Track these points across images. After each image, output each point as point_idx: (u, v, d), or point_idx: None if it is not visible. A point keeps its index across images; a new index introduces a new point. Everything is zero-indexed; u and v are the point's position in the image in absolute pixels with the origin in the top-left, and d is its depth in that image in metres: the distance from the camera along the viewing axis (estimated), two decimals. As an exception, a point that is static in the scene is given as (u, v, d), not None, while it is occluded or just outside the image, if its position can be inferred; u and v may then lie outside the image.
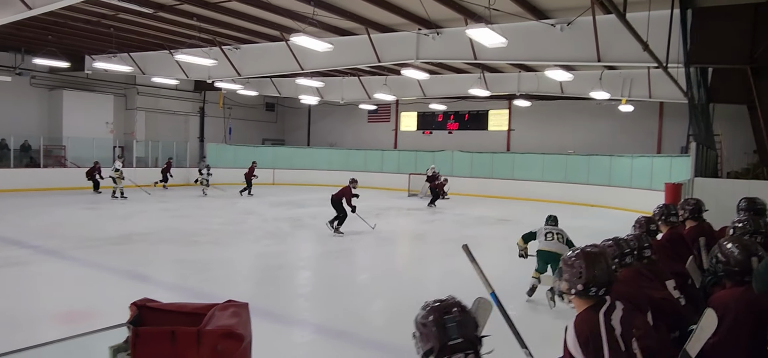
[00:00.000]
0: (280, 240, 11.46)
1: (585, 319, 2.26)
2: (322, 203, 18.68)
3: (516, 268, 9.39)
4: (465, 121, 26.87)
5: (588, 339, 2.20)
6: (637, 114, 21.64)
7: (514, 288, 7.21)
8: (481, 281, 2.81)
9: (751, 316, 2.55)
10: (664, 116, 22.00)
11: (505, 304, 2.69)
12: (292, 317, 6.42)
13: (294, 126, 31.82)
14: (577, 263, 2.32)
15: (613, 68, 16.86)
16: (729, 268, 2.65)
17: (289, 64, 15.58)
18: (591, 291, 2.28)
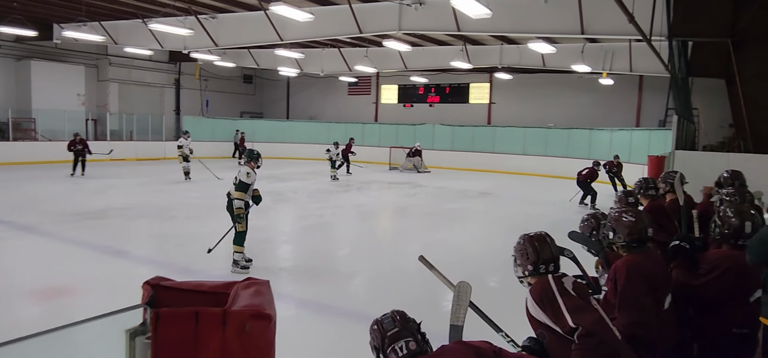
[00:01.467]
0: (261, 214, 11.24)
1: (537, 283, 2.45)
2: (303, 177, 18.58)
3: (497, 240, 9.45)
4: (446, 94, 26.75)
5: (542, 297, 2.36)
6: (617, 88, 21.78)
7: (496, 260, 7.19)
8: (444, 283, 2.81)
9: (735, 276, 2.68)
10: (643, 90, 22.17)
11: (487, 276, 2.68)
12: (274, 291, 6.29)
13: (273, 98, 31.32)
14: (526, 248, 2.54)
15: (594, 41, 16.85)
16: (725, 232, 2.72)
17: (267, 34, 15.19)
18: (541, 268, 2.48)
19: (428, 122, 25.66)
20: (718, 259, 2.73)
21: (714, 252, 2.81)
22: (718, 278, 2.65)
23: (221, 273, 7.00)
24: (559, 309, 2.28)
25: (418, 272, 7.10)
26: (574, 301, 2.31)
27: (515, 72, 22.47)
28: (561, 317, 2.26)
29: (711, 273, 2.67)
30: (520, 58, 18.74)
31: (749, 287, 2.67)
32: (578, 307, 2.28)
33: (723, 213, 2.83)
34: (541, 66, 18.88)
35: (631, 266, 2.67)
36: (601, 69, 17.98)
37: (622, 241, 2.82)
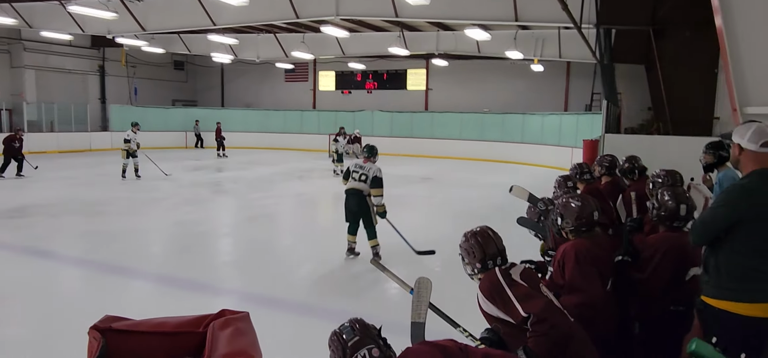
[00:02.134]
0: (200, 206, 10.94)
1: (486, 278, 2.50)
2: (242, 166, 18.13)
3: (442, 225, 9.63)
4: (384, 80, 26.83)
5: (491, 291, 2.42)
6: (546, 74, 22.63)
7: (440, 245, 7.32)
8: (398, 284, 2.83)
9: (675, 257, 2.84)
10: (570, 76, 23.16)
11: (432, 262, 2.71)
12: (216, 286, 6.15)
13: (206, 86, 30.21)
14: (472, 246, 2.58)
15: (526, 28, 17.40)
16: (662, 214, 2.88)
17: (199, 19, 14.63)
18: (488, 264, 2.54)
19: (367, 109, 25.66)
20: (658, 243, 2.89)
21: (653, 237, 2.98)
22: (659, 264, 2.81)
23: (163, 272, 6.74)
24: (508, 300, 2.34)
25: (363, 261, 7.16)
26: (522, 289, 2.38)
27: (451, 58, 22.85)
28: (512, 308, 2.32)
29: (653, 260, 2.82)
30: (456, 44, 19.07)
31: (686, 266, 2.86)
32: (527, 295, 2.35)
33: (660, 196, 2.99)
34: (477, 52, 19.32)
35: (579, 250, 2.79)
36: (532, 55, 18.62)
37: (571, 226, 2.94)
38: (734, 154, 2.60)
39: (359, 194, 6.71)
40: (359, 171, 6.74)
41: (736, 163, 2.63)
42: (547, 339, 2.20)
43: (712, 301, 2.58)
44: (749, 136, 2.51)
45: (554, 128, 20.64)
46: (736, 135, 2.58)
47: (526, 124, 22.01)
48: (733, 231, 2.50)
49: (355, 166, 6.81)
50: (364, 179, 6.69)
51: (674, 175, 3.92)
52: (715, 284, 2.57)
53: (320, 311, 5.35)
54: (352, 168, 6.82)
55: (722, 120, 9.57)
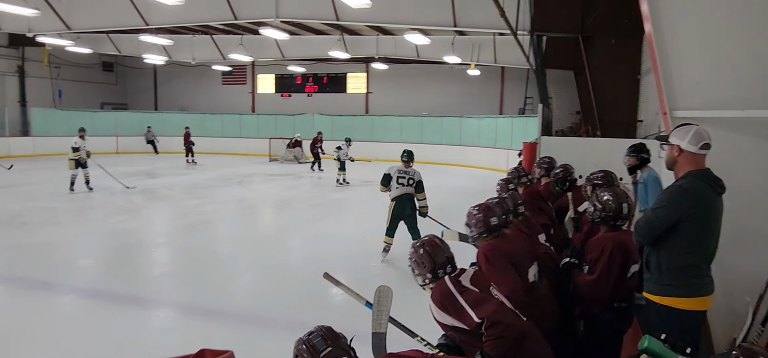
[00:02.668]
0: (134, 215, 10.44)
1: (437, 287, 2.52)
2: (177, 172, 17.46)
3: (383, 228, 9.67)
4: (324, 83, 26.69)
5: (443, 301, 2.43)
6: (482, 78, 23.29)
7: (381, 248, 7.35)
8: (352, 297, 2.83)
9: (620, 256, 2.97)
10: (505, 80, 23.95)
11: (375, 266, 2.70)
12: (153, 299, 5.88)
13: (138, 88, 28.88)
14: (421, 257, 2.60)
15: (463, 34, 17.84)
16: (606, 215, 3.01)
17: (130, 18, 13.98)
18: (439, 273, 2.57)
19: (307, 112, 25.43)
20: (603, 243, 3.01)
21: (597, 237, 3.09)
22: (607, 264, 2.94)
23: (95, 286, 6.39)
24: (461, 308, 2.37)
25: (304, 268, 7.09)
26: (474, 295, 2.42)
27: (391, 62, 23.05)
28: (465, 315, 2.35)
29: (600, 260, 2.94)
30: (395, 48, 19.28)
31: (628, 264, 3.02)
32: (478, 300, 2.40)
33: (601, 197, 3.11)
34: (416, 57, 19.60)
35: (487, 250, 2.95)
36: (469, 60, 19.11)
37: (476, 234, 3.08)
38: (672, 155, 2.75)
39: (412, 198, 7.03)
40: (405, 176, 7.02)
41: (672, 164, 2.78)
42: (503, 341, 2.23)
43: (654, 297, 2.74)
44: (689, 138, 2.66)
45: (490, 131, 21.28)
46: (676, 137, 2.72)
47: (464, 127, 22.56)
48: (674, 230, 2.66)
49: (398, 172, 7.03)
50: (411, 183, 7.00)
51: (611, 175, 4.13)
52: (657, 281, 2.73)
53: (265, 321, 5.24)
54: (397, 175, 7.02)
55: (646, 122, 10.20)
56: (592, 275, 2.95)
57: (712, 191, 2.66)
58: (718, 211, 2.71)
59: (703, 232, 2.66)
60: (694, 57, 3.41)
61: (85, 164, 12.61)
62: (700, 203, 2.63)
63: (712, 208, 2.67)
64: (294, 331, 2.05)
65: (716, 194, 2.68)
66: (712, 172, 2.71)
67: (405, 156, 7.28)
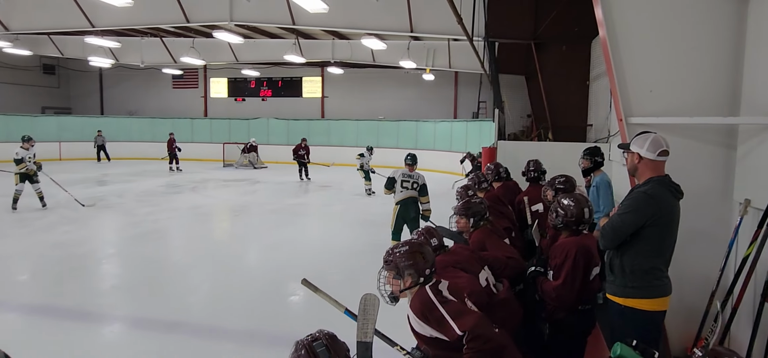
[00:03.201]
0: (81, 225, 9.97)
1: (416, 297, 2.44)
2: (127, 178, 16.81)
3: (343, 233, 9.64)
4: (279, 88, 26.37)
5: (424, 312, 2.37)
6: (437, 83, 23.61)
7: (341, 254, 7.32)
8: (331, 304, 2.77)
9: (583, 260, 3.04)
10: (458, 85, 24.36)
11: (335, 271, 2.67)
12: (103, 314, 5.61)
13: (82, 92, 27.65)
14: (402, 261, 2.49)
15: (418, 39, 18.01)
16: (567, 219, 3.08)
17: (75, 19, 13.36)
18: (421, 279, 2.49)
19: (262, 116, 25.06)
20: (567, 247, 3.07)
21: (561, 242, 3.15)
22: (572, 268, 3.00)
23: (39, 301, 6.05)
24: (442, 319, 2.32)
25: (263, 276, 6.96)
26: (454, 306, 2.38)
27: (346, 66, 23.02)
28: (447, 327, 2.30)
29: (565, 265, 3.01)
30: (351, 53, 19.24)
31: (591, 267, 3.10)
32: (459, 311, 2.36)
33: (563, 202, 3.18)
34: (371, 61, 19.63)
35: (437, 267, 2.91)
36: (424, 65, 19.30)
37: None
38: (633, 162, 2.87)
39: (416, 201, 7.07)
40: (409, 180, 7.05)
41: (633, 171, 2.90)
42: (483, 355, 2.22)
43: (618, 299, 2.84)
44: (647, 146, 2.79)
45: (446, 135, 21.59)
46: (635, 145, 2.85)
47: (420, 131, 22.78)
48: (637, 235, 2.77)
49: (403, 176, 7.07)
50: (416, 186, 7.04)
51: (571, 181, 4.25)
52: (621, 283, 2.83)
53: (224, 333, 5.10)
54: (402, 178, 7.05)
55: (595, 126, 10.57)
56: (558, 280, 3.02)
57: (672, 196, 2.78)
58: (677, 215, 2.83)
59: (664, 236, 2.78)
60: (647, 65, 3.56)
61: (35, 178, 10.99)
62: (663, 208, 2.75)
63: (672, 213, 2.79)
64: (255, 342, 1.98)
65: (675, 199, 2.81)
66: (671, 178, 2.83)
67: (409, 159, 7.38)
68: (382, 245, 6.26)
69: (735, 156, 3.60)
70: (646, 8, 3.53)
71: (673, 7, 3.50)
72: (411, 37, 17.08)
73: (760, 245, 3.17)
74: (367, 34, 14.59)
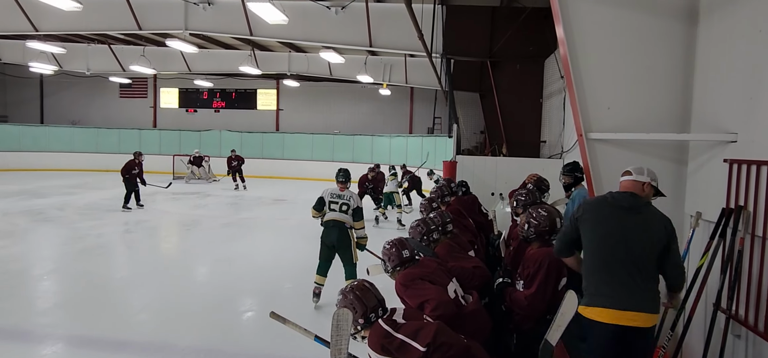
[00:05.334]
0: (18, 239, 9.37)
1: (372, 333, 2.44)
2: (68, 191, 15.98)
3: (296, 246, 9.46)
4: (232, 99, 25.90)
5: (382, 344, 2.36)
6: (393, 98, 23.81)
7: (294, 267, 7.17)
8: (300, 333, 2.75)
9: (556, 271, 3.09)
10: (414, 101, 24.63)
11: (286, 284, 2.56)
12: (41, 333, 5.23)
13: (20, 99, 26.20)
14: (352, 302, 2.50)
15: (375, 54, 18.12)
16: (540, 230, 3.11)
17: (16, 22, 12.67)
18: (371, 317, 2.50)
19: (214, 128, 24.49)
20: (540, 258, 3.11)
21: (532, 253, 3.19)
22: (544, 279, 3.05)
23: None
24: (402, 344, 2.31)
25: (214, 292, 6.72)
26: (411, 327, 2.38)
27: (303, 79, 22.87)
28: (408, 349, 2.30)
29: (538, 275, 3.05)
30: (308, 66, 19.17)
31: (560, 277, 3.14)
32: (417, 329, 2.36)
33: (535, 213, 3.23)
34: (328, 75, 19.59)
35: (403, 279, 3.00)
36: (381, 80, 19.43)
37: (391, 268, 3.13)
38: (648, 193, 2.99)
39: (341, 226, 5.82)
40: (338, 200, 5.88)
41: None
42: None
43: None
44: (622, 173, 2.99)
45: (401, 149, 21.72)
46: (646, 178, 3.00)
47: (375, 145, 22.84)
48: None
49: (331, 196, 5.92)
50: (345, 209, 5.86)
51: (534, 193, 4.31)
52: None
53: (173, 352, 4.87)
54: (328, 197, 5.93)
55: (549, 143, 10.89)
56: (530, 289, 3.04)
57: (608, 204, 2.89)
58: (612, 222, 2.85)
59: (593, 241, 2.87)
60: (605, 83, 3.68)
61: None
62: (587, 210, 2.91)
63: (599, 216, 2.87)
64: None
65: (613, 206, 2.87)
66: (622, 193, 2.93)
67: (341, 176, 6.16)
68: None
69: (686, 171, 3.76)
70: (605, 28, 3.66)
71: (630, 28, 3.65)
72: (368, 51, 17.16)
73: (711, 256, 3.31)
74: (326, 47, 14.55)
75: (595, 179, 3.86)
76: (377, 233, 10.23)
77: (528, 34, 10.70)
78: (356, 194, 6.04)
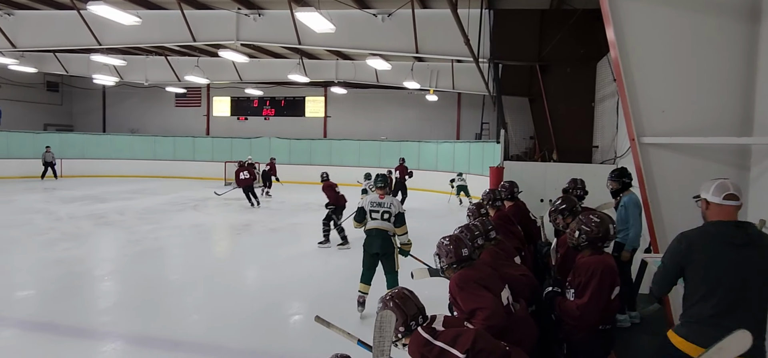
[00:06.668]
0: (82, 242, 9.90)
1: (412, 341, 2.47)
2: (128, 196, 16.77)
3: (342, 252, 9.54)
4: (282, 107, 26.47)
5: (422, 352, 2.40)
6: (440, 103, 23.69)
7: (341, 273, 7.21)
8: (345, 337, 2.82)
9: (609, 279, 2.97)
10: (461, 106, 24.43)
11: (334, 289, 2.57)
12: (102, 331, 5.52)
13: (85, 109, 27.75)
14: (393, 311, 2.50)
15: (422, 60, 18.10)
16: (592, 237, 3.02)
17: (81, 37, 13.41)
18: (411, 326, 2.52)
19: (264, 135, 25.11)
20: (592, 266, 3.00)
21: (584, 261, 3.08)
22: (597, 287, 2.93)
23: (38, 318, 5.97)
24: (443, 351, 2.33)
25: (264, 295, 6.87)
26: (449, 334, 2.40)
27: (349, 86, 23.12)
28: (449, 356, 2.31)
29: (590, 284, 2.94)
30: (355, 73, 19.35)
31: (614, 286, 3.02)
32: (455, 335, 2.37)
33: (588, 220, 3.11)
34: (375, 82, 19.72)
35: (459, 280, 2.93)
36: (428, 86, 19.38)
37: (446, 265, 3.07)
38: (702, 209, 2.72)
39: (384, 234, 5.79)
40: (379, 209, 5.81)
41: (704, 218, 2.73)
42: None
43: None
44: (712, 190, 2.65)
45: (448, 155, 21.59)
46: (703, 191, 2.71)
47: (422, 151, 22.79)
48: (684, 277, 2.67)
49: (371, 205, 5.85)
50: (387, 217, 5.81)
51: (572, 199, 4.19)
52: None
53: (223, 352, 5.02)
54: (368, 207, 5.86)
55: (601, 148, 10.54)
56: (582, 299, 2.94)
57: (718, 240, 2.60)
58: (724, 261, 2.58)
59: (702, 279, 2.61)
60: (659, 85, 3.53)
61: None
62: (694, 249, 2.62)
63: (711, 255, 2.60)
64: None
65: (728, 244, 2.58)
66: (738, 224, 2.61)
67: (379, 182, 6.05)
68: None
69: (749, 177, 3.55)
70: (658, 29, 3.51)
71: (685, 28, 3.49)
72: (415, 58, 17.17)
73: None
74: (372, 54, 14.67)
75: (649, 185, 3.71)
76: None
77: (578, 36, 10.41)
78: (398, 200, 5.95)
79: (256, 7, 12.19)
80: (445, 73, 18.79)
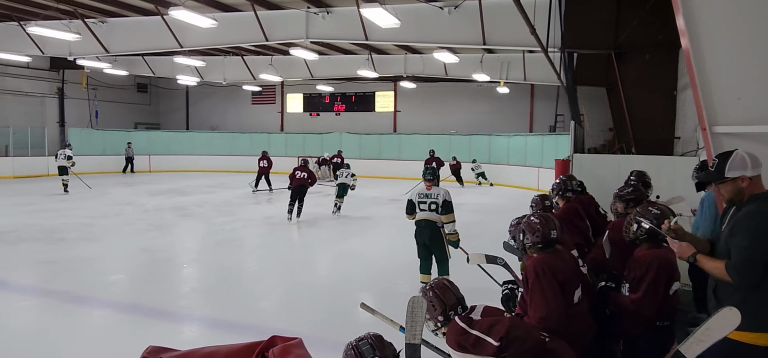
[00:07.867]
0: (165, 232, 10.62)
1: (450, 331, 2.50)
2: (207, 190, 17.77)
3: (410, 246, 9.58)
4: (352, 102, 26.93)
5: (458, 341, 2.43)
6: (511, 96, 23.14)
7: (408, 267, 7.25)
8: (388, 324, 2.94)
9: (666, 273, 2.87)
10: (535, 98, 23.73)
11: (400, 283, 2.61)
12: (183, 314, 5.94)
13: (170, 108, 29.68)
14: (431, 299, 2.59)
15: (492, 52, 17.76)
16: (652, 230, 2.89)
17: (165, 40, 14.37)
18: (450, 315, 2.56)
19: (335, 131, 25.67)
20: (648, 260, 2.89)
21: (641, 255, 2.97)
22: (653, 282, 2.82)
23: (127, 300, 6.49)
24: (477, 340, 2.36)
25: (332, 285, 7.07)
26: (485, 323, 2.42)
27: (418, 81, 23.11)
28: (483, 344, 2.34)
29: (646, 278, 2.83)
30: (423, 67, 19.31)
31: (672, 281, 2.89)
32: (491, 324, 2.39)
33: (646, 213, 2.98)
34: (444, 75, 19.59)
35: (538, 265, 2.85)
36: (498, 78, 18.99)
37: (530, 243, 2.98)
38: (739, 187, 2.48)
39: (433, 225, 5.94)
40: (427, 200, 5.96)
41: (739, 197, 2.51)
42: (523, 354, 2.24)
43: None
44: (750, 163, 2.46)
45: (520, 149, 21.05)
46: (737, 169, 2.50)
47: (493, 145, 22.38)
48: None
49: (419, 196, 6.02)
50: (434, 207, 5.93)
51: (640, 190, 4.00)
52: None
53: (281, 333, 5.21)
54: (416, 199, 6.04)
55: (683, 139, 9.90)
56: (637, 293, 2.83)
57: None
58: None
59: None
60: (733, 72, 3.28)
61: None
62: None
63: None
64: (322, 347, 2.05)
65: None
66: None
67: (428, 174, 6.20)
68: (452, 260, 6.20)
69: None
70: (732, 14, 3.25)
71: (761, 11, 3.21)
72: (484, 49, 16.88)
73: None
74: (440, 47, 14.59)
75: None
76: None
77: (657, 21, 9.78)
78: (446, 190, 6.04)
79: (325, 6, 12.48)
80: (516, 65, 18.34)
